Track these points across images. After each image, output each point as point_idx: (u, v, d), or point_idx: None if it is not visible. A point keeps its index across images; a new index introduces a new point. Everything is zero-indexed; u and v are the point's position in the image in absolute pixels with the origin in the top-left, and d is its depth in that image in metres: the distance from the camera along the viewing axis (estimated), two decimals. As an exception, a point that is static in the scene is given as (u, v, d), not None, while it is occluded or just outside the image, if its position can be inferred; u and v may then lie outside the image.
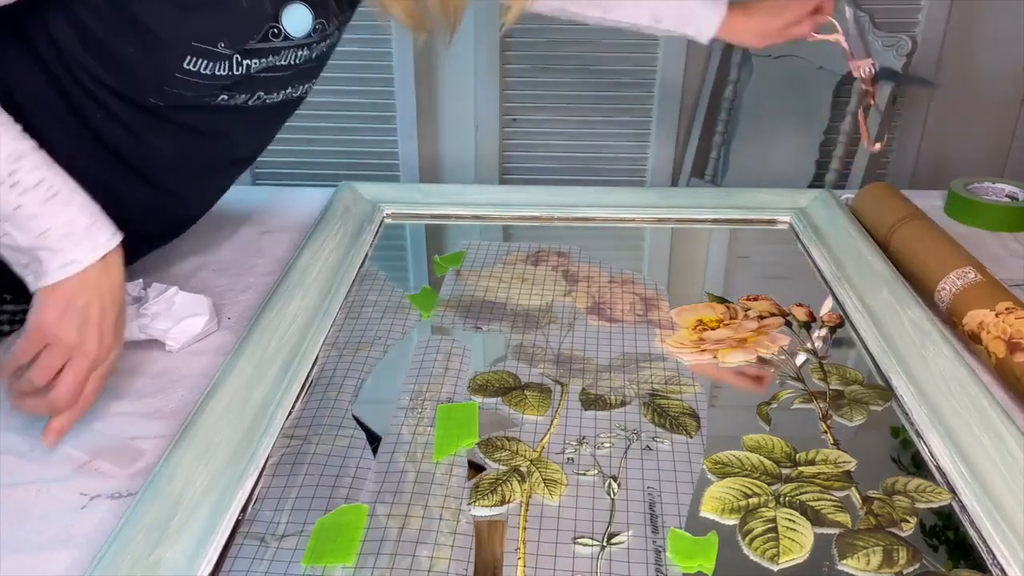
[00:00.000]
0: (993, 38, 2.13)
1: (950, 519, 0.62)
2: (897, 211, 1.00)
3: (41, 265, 0.64)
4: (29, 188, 0.63)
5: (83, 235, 0.65)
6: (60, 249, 0.64)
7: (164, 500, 0.60)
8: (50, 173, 0.64)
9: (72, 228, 0.64)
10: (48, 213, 0.63)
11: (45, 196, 0.63)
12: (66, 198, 0.64)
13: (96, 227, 0.66)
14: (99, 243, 0.66)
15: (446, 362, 0.81)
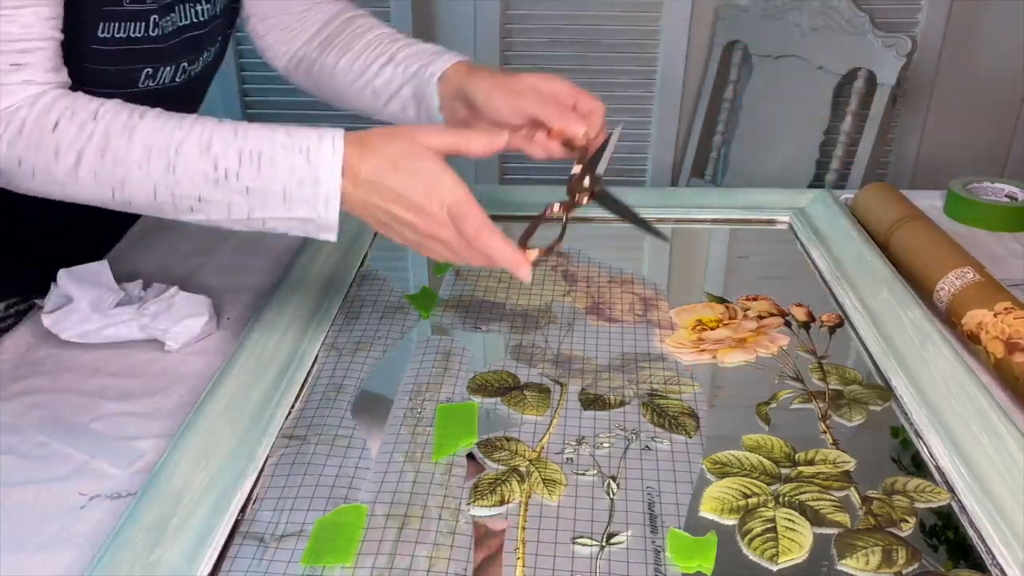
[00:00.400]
0: (993, 38, 2.14)
1: (949, 519, 0.62)
2: (897, 211, 1.00)
3: (315, 222, 0.63)
4: (237, 168, 0.62)
5: (312, 170, 0.62)
6: (310, 197, 0.62)
7: (163, 500, 0.60)
8: (239, 140, 0.62)
9: (298, 172, 0.62)
10: (270, 177, 0.62)
11: (254, 166, 0.62)
12: (271, 153, 0.62)
13: (312, 151, 0.62)
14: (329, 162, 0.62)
15: (445, 362, 0.81)
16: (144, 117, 0.62)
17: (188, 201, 0.63)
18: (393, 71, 0.84)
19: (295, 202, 0.63)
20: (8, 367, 0.79)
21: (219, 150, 0.62)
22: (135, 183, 0.62)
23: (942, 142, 2.25)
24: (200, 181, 0.62)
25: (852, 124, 1.90)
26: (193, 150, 0.61)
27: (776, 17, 2.00)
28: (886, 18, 2.00)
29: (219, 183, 0.62)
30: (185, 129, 0.62)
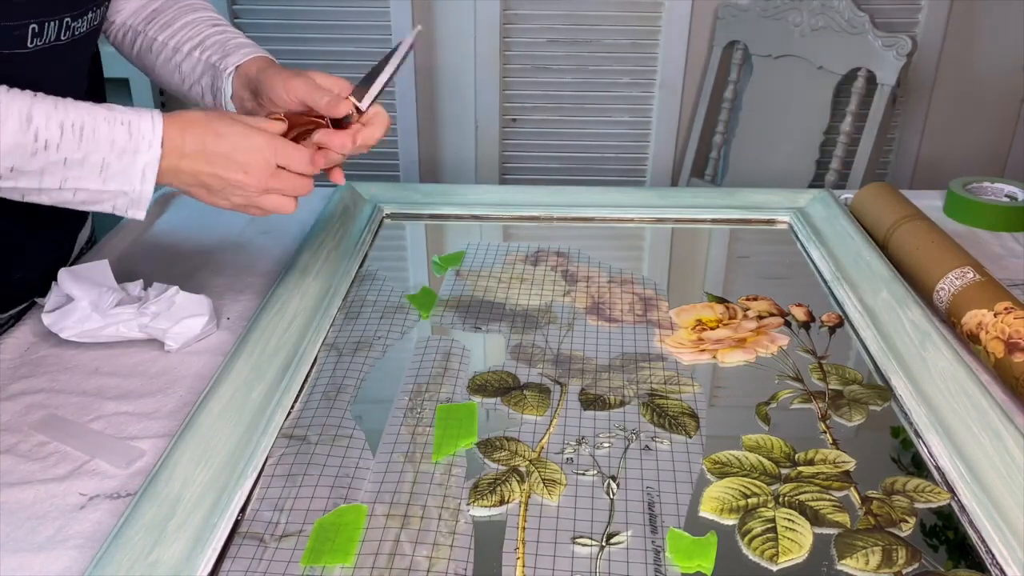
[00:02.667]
0: (993, 38, 2.13)
1: (949, 519, 0.62)
2: (897, 211, 1.00)
3: (127, 195, 0.65)
4: (58, 140, 0.62)
5: (132, 143, 0.65)
6: (126, 169, 0.64)
7: (163, 500, 0.60)
8: (62, 113, 0.63)
9: (120, 145, 0.64)
10: (92, 150, 0.63)
11: (76, 137, 0.63)
12: (92, 125, 0.64)
13: (134, 126, 0.65)
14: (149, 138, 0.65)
15: (445, 362, 0.81)
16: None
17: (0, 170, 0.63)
18: (199, 57, 0.85)
19: (112, 174, 0.64)
20: (8, 367, 0.79)
21: (40, 122, 0.62)
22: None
23: (942, 142, 2.25)
24: (16, 152, 0.62)
25: (852, 124, 1.90)
26: (12, 122, 0.61)
27: (776, 17, 2.00)
28: (886, 18, 2.00)
29: (37, 154, 0.62)
30: (4, 102, 0.62)
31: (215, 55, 0.85)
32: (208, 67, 0.85)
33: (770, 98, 2.04)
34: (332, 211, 1.04)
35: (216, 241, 1.03)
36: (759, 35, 2.04)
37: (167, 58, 0.87)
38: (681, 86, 2.19)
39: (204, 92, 0.86)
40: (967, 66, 2.16)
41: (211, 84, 0.85)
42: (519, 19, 2.13)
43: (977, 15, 2.11)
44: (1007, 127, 2.25)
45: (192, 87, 0.87)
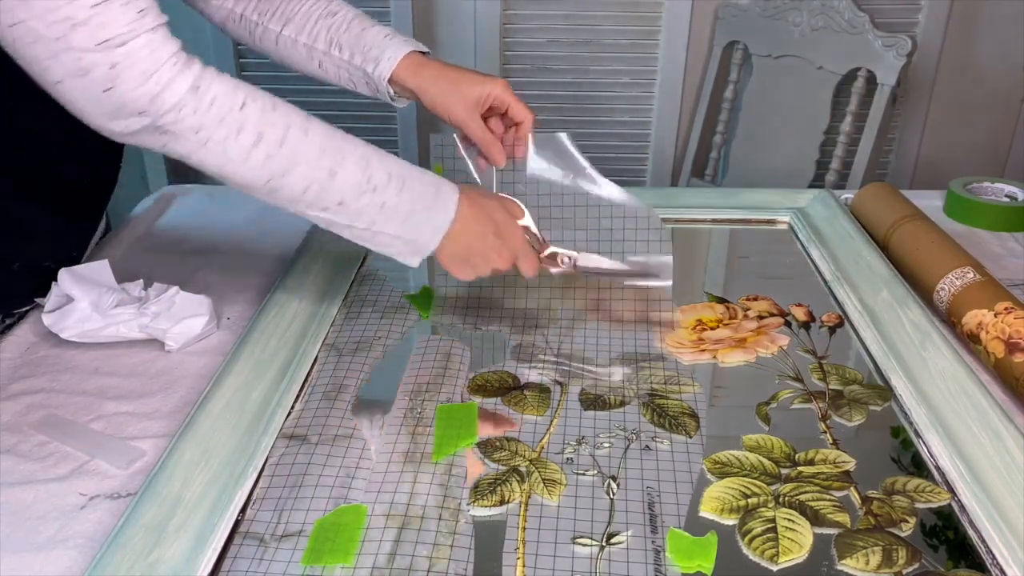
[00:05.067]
0: (993, 38, 2.13)
1: (950, 519, 0.62)
2: (897, 211, 1.00)
3: (415, 244, 0.73)
4: (384, 185, 0.69)
5: (436, 202, 0.72)
6: (424, 222, 0.72)
7: (163, 500, 0.60)
8: (389, 164, 0.70)
9: (426, 201, 0.72)
10: (406, 200, 0.70)
11: (398, 187, 0.70)
12: (409, 179, 0.71)
13: (440, 190, 0.73)
14: (449, 202, 0.73)
15: (445, 362, 0.81)
16: (311, 120, 0.68)
17: (328, 202, 0.68)
18: (340, 57, 0.86)
19: (411, 226, 0.72)
20: (8, 367, 0.79)
21: (375, 166, 0.69)
22: (296, 176, 0.67)
23: (942, 142, 2.25)
24: (348, 189, 0.68)
25: (852, 124, 1.90)
26: (356, 161, 0.69)
27: (776, 17, 2.00)
28: (886, 18, 2.00)
29: (365, 194, 0.69)
30: (349, 140, 0.70)
31: (357, 56, 0.85)
32: (356, 70, 0.86)
33: (770, 98, 2.04)
34: (332, 211, 1.04)
35: (216, 241, 1.03)
36: (759, 35, 2.04)
37: (302, 55, 0.88)
38: (681, 86, 2.19)
39: (357, 87, 0.88)
40: (967, 66, 2.16)
41: (365, 84, 0.87)
42: (519, 19, 2.13)
43: (977, 15, 2.11)
44: (1007, 127, 2.25)
45: (341, 81, 0.89)
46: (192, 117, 0.62)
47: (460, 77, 0.84)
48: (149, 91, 0.61)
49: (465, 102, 0.84)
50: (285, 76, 0.88)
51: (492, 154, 0.87)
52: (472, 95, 0.84)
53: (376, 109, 2.18)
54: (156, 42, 0.62)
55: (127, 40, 0.60)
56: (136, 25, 0.60)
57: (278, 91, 0.68)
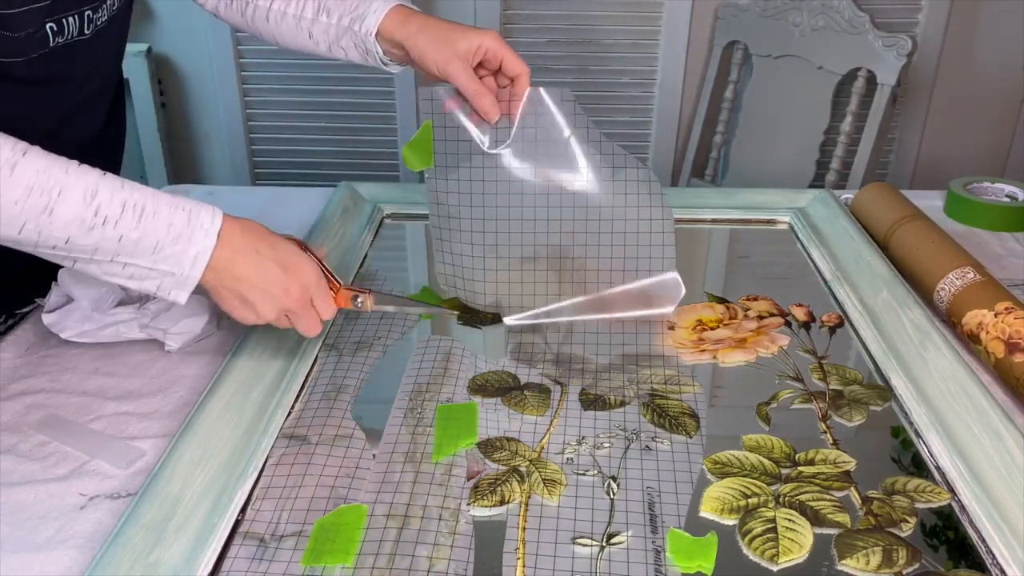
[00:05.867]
0: (993, 38, 2.13)
1: (950, 519, 0.62)
2: (897, 211, 1.00)
3: (174, 277, 0.66)
4: (118, 217, 0.63)
5: (190, 229, 0.65)
6: (180, 252, 0.65)
7: (163, 500, 0.60)
8: (126, 193, 0.64)
9: (177, 229, 0.65)
10: (149, 230, 0.64)
11: (136, 216, 0.64)
12: (153, 207, 0.64)
13: (194, 215, 0.66)
14: (208, 227, 0.66)
15: (445, 362, 0.81)
16: (27, 155, 0.62)
17: (55, 240, 0.63)
18: (327, 21, 0.85)
19: (163, 256, 0.65)
20: (8, 367, 0.79)
21: (104, 198, 0.63)
22: (6, 218, 0.61)
23: (942, 142, 2.25)
24: (74, 226, 0.62)
25: (852, 124, 1.90)
26: (78, 195, 0.62)
27: (776, 17, 2.00)
28: (886, 18, 2.00)
29: (94, 229, 0.63)
30: (72, 175, 0.63)
31: (345, 17, 0.84)
32: (344, 31, 0.84)
33: (770, 98, 2.04)
34: (332, 211, 1.04)
35: (216, 241, 1.03)
36: (759, 35, 2.04)
37: (291, 26, 0.86)
38: (681, 86, 2.19)
39: (347, 53, 0.86)
40: (967, 66, 2.16)
41: (355, 45, 0.84)
42: (519, 19, 2.13)
43: (977, 15, 2.11)
44: (1007, 127, 2.25)
45: (331, 49, 0.87)
46: None
47: (450, 28, 0.82)
48: None
49: (455, 53, 0.81)
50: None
51: (484, 106, 0.82)
52: (462, 46, 0.81)
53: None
54: None
55: None
56: None
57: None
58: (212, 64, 2.17)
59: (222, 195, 1.19)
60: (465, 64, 0.81)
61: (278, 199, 1.18)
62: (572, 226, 0.86)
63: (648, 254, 0.86)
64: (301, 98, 2.21)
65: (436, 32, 0.81)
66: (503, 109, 0.84)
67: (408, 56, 0.83)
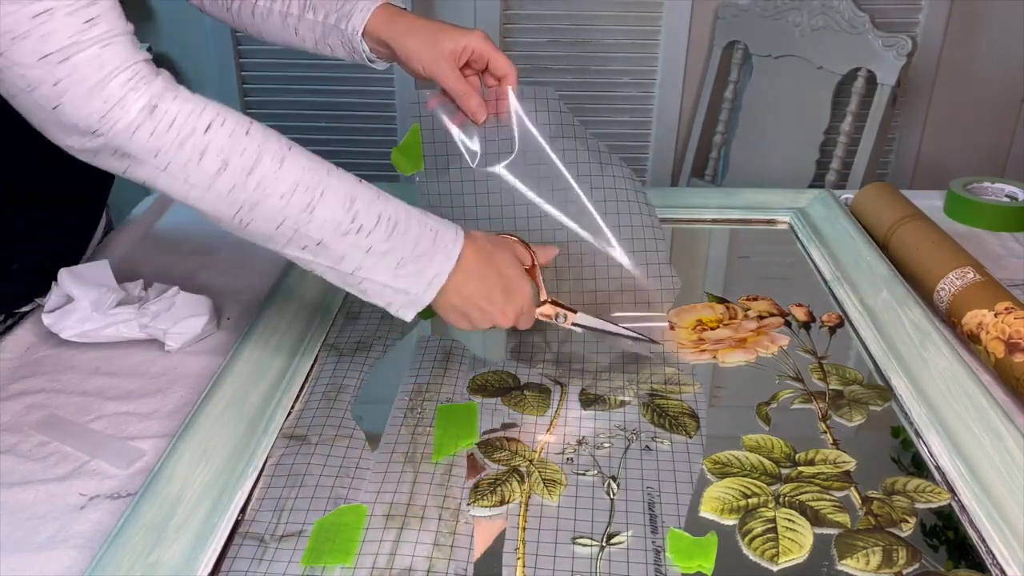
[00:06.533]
0: (993, 38, 2.13)
1: (950, 519, 0.62)
2: (897, 211, 1.00)
3: (407, 295, 0.66)
4: (371, 228, 0.63)
5: (433, 250, 0.65)
6: (418, 272, 0.65)
7: (163, 500, 0.60)
8: (381, 204, 0.64)
9: (421, 248, 0.65)
10: (397, 246, 0.64)
11: (388, 230, 0.63)
12: (405, 224, 0.64)
13: (439, 236, 0.66)
14: (449, 250, 0.66)
15: (445, 362, 0.81)
16: (292, 150, 0.62)
17: (307, 241, 0.63)
18: (314, 19, 0.84)
19: (404, 273, 0.65)
20: (8, 367, 0.79)
21: (362, 206, 0.63)
22: (267, 209, 0.61)
23: (942, 142, 2.25)
24: (330, 228, 0.62)
25: (852, 124, 1.90)
26: (338, 199, 0.62)
27: (776, 17, 2.00)
28: (886, 18, 2.00)
29: (348, 235, 0.63)
30: (335, 176, 0.63)
31: (332, 15, 0.83)
32: (330, 29, 0.83)
33: (770, 98, 2.04)
34: (332, 211, 1.04)
35: (216, 241, 1.03)
36: (759, 35, 2.04)
37: (277, 23, 0.86)
38: (681, 86, 2.19)
39: (334, 50, 0.86)
40: (967, 66, 2.16)
41: (341, 43, 0.84)
42: (519, 19, 2.13)
43: (977, 15, 2.11)
44: (1007, 127, 2.25)
45: (317, 46, 0.86)
46: (148, 139, 0.57)
47: (436, 28, 0.81)
48: (96, 110, 0.56)
49: (441, 54, 0.80)
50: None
51: (470, 107, 0.82)
52: (448, 47, 0.80)
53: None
54: (106, 56, 0.56)
55: (71, 54, 0.55)
56: (82, 37, 0.55)
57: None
58: (212, 64, 2.17)
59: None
60: (451, 65, 0.81)
61: (278, 199, 1.17)
62: (564, 223, 0.86)
63: (644, 247, 0.86)
64: (301, 98, 2.21)
65: (422, 33, 0.81)
66: (490, 109, 0.84)
67: (394, 55, 0.83)
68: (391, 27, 0.81)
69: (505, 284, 0.70)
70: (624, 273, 0.86)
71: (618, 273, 0.86)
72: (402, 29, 0.81)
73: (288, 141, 0.63)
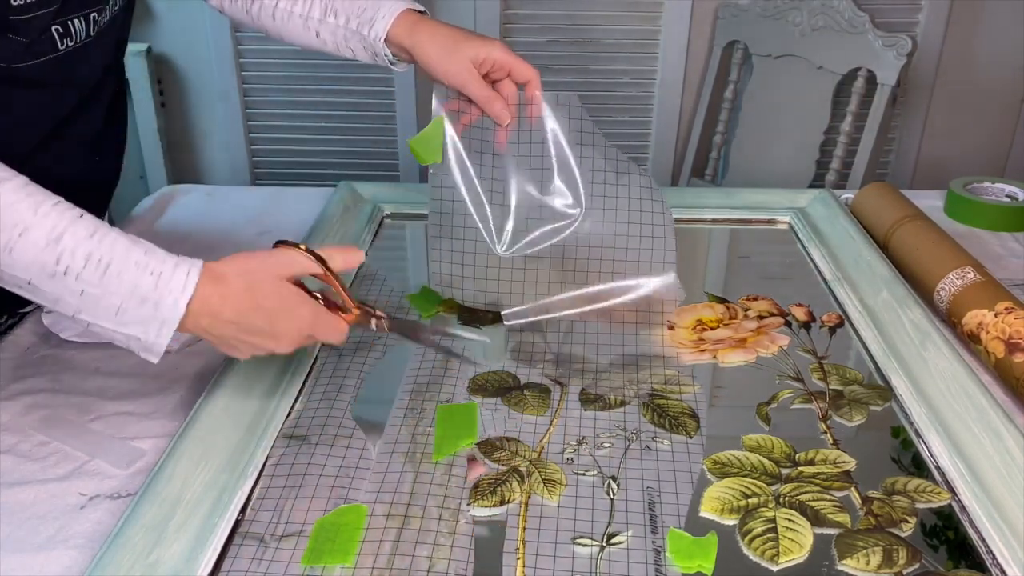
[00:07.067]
0: (993, 38, 2.13)
1: (950, 519, 0.62)
2: (897, 211, 1.00)
3: (140, 341, 0.61)
4: (79, 270, 0.58)
5: (156, 295, 0.59)
6: (143, 319, 0.60)
7: (163, 500, 0.60)
8: (93, 244, 0.59)
9: (141, 292, 0.59)
10: (111, 290, 0.59)
11: (99, 272, 0.58)
12: (120, 264, 0.59)
13: (162, 279, 0.59)
14: (176, 296, 0.60)
15: (445, 362, 0.81)
16: (3, 184, 0.58)
17: (18, 280, 0.59)
18: (335, 23, 0.86)
19: (128, 320, 0.59)
20: (8, 367, 0.79)
21: (68, 245, 0.58)
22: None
23: (942, 142, 2.25)
24: (35, 270, 0.58)
25: (852, 124, 1.90)
26: (39, 238, 0.58)
27: (776, 17, 2.00)
28: (886, 18, 2.00)
29: (55, 277, 0.58)
30: (40, 215, 0.58)
31: (354, 20, 0.84)
32: (352, 33, 0.85)
33: (770, 98, 2.04)
34: (332, 211, 1.04)
35: (216, 241, 1.03)
36: (759, 35, 2.04)
37: (298, 25, 0.87)
38: (681, 86, 2.19)
39: (355, 53, 0.87)
40: (967, 66, 2.16)
41: (363, 48, 0.85)
42: (519, 19, 2.13)
43: (977, 15, 2.11)
44: (1007, 127, 2.25)
45: (339, 49, 0.87)
46: None
47: (459, 36, 0.83)
48: None
49: (463, 61, 0.82)
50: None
51: (495, 111, 0.83)
52: (470, 54, 0.82)
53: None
54: None
55: None
56: None
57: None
58: (212, 64, 2.17)
59: (222, 195, 1.19)
60: (473, 72, 0.82)
61: (278, 199, 1.17)
62: (578, 226, 0.86)
63: (649, 258, 0.86)
64: (301, 98, 2.21)
65: (444, 40, 0.82)
66: (515, 113, 0.85)
67: (415, 60, 0.84)
68: (413, 35, 0.83)
69: (267, 317, 0.63)
70: (627, 280, 0.86)
71: (620, 279, 0.86)
72: (424, 37, 0.83)
73: (6, 174, 0.59)
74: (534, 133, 0.86)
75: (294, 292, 0.65)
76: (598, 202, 0.86)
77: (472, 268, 0.87)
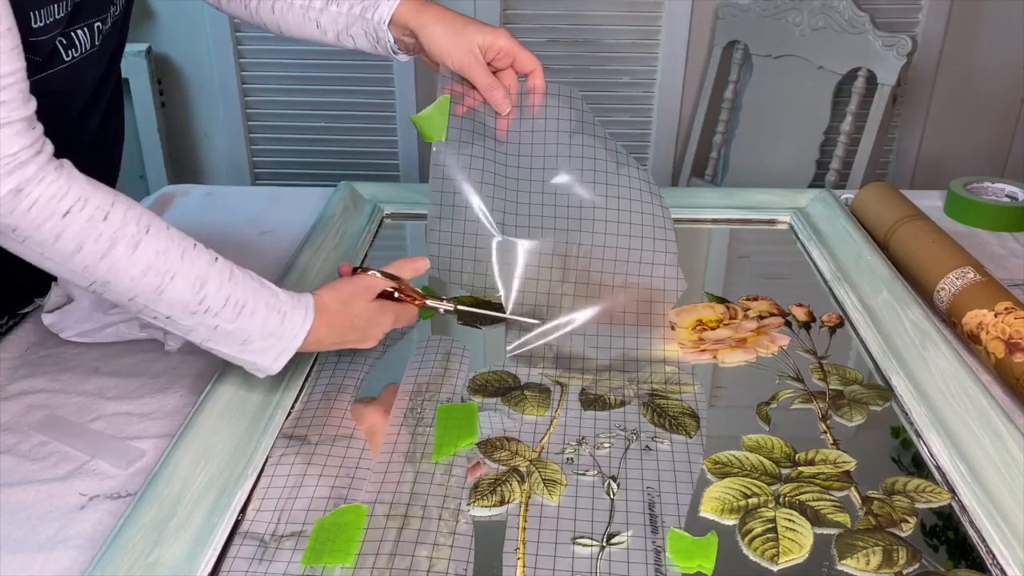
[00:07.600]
0: (993, 38, 2.13)
1: (950, 519, 0.62)
2: (897, 211, 1.00)
3: (257, 366, 0.69)
4: (218, 310, 0.65)
5: (281, 330, 0.68)
6: (266, 348, 0.68)
7: (163, 500, 0.60)
8: (231, 286, 0.66)
9: (269, 329, 0.67)
10: (243, 326, 0.67)
11: (235, 312, 0.66)
12: (253, 306, 0.67)
13: (288, 318, 0.68)
14: (296, 331, 0.69)
15: (445, 362, 0.81)
16: (150, 231, 0.64)
17: (156, 314, 0.66)
18: (337, 10, 0.86)
19: (253, 349, 0.68)
20: (8, 367, 0.79)
21: (211, 290, 0.65)
22: (118, 287, 0.64)
23: (942, 142, 2.25)
24: (179, 308, 0.65)
25: (852, 124, 1.90)
26: (188, 283, 0.65)
27: (776, 17, 2.00)
28: (886, 18, 2.00)
29: (195, 314, 0.65)
30: (187, 260, 0.65)
31: (356, 5, 0.84)
32: (355, 19, 0.85)
33: (770, 98, 2.04)
34: (332, 211, 1.04)
35: (216, 241, 1.02)
36: (759, 35, 2.04)
37: (297, 16, 0.87)
38: (681, 86, 2.19)
39: (356, 41, 0.87)
40: (967, 66, 2.16)
41: (365, 34, 0.85)
42: (519, 19, 2.13)
43: (977, 15, 2.11)
44: (1007, 127, 2.25)
45: (339, 37, 0.87)
46: (8, 217, 0.61)
47: (466, 21, 0.83)
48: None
49: (469, 48, 0.82)
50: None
51: (496, 99, 0.84)
52: (476, 39, 0.82)
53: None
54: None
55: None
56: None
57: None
58: (212, 64, 2.17)
59: (222, 195, 1.19)
60: (478, 58, 0.82)
61: (278, 199, 1.17)
62: (579, 213, 0.86)
63: (652, 247, 0.86)
64: (301, 98, 2.21)
65: (450, 24, 0.82)
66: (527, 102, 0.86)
67: (419, 44, 0.84)
68: (418, 17, 0.83)
69: (359, 331, 0.74)
70: (628, 270, 0.86)
71: (623, 269, 0.86)
72: (429, 19, 0.82)
73: (149, 222, 0.64)
74: (536, 121, 0.86)
75: (377, 306, 0.75)
76: (600, 189, 0.86)
77: (473, 250, 0.87)
